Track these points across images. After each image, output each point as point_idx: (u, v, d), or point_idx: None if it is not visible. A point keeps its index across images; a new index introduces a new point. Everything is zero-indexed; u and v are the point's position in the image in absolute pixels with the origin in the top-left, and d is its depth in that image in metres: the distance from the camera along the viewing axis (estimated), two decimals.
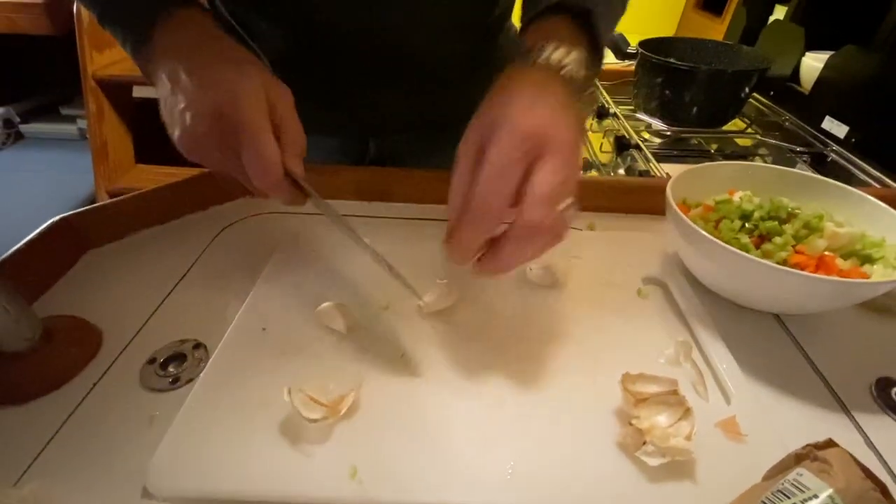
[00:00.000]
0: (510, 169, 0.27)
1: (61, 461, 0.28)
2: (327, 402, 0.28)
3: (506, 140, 0.28)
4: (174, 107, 0.32)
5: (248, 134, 0.31)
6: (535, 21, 0.37)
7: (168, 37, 0.34)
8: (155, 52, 0.34)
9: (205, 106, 0.31)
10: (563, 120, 0.30)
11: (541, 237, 0.28)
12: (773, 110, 1.03)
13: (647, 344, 0.35)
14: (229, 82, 0.32)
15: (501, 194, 0.27)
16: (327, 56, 0.49)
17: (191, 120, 0.31)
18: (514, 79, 0.32)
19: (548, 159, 0.28)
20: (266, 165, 0.31)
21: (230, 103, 0.31)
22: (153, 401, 0.31)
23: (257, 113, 0.32)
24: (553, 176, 0.28)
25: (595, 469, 0.27)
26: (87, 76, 1.33)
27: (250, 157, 0.31)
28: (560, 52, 0.33)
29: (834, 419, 0.32)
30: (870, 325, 0.39)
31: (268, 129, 0.32)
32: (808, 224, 0.38)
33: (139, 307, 0.38)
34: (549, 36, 0.34)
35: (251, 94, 0.32)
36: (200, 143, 0.32)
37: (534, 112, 0.29)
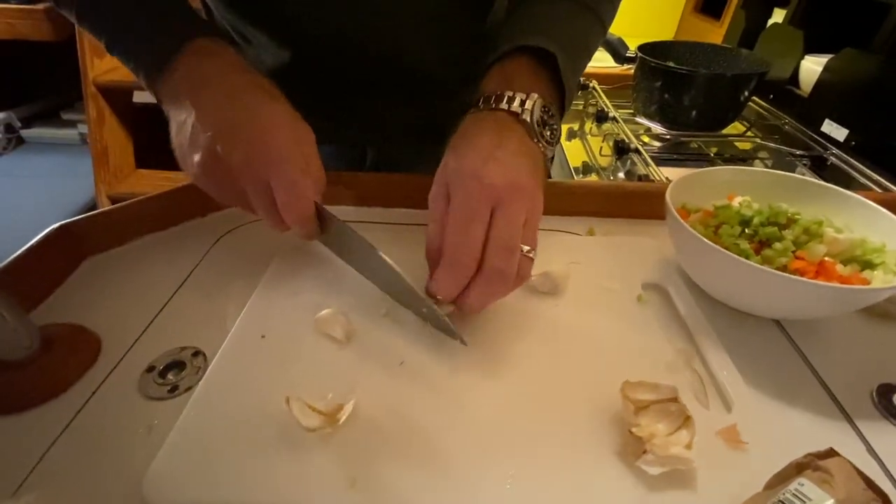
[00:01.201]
0: (474, 221, 0.30)
1: (60, 470, 0.28)
2: (326, 411, 0.28)
3: (467, 192, 0.30)
4: (195, 135, 0.32)
5: (282, 166, 0.32)
6: (500, 61, 0.38)
7: (190, 66, 0.34)
8: (175, 81, 0.34)
9: (233, 135, 0.31)
10: (523, 168, 0.32)
11: (505, 281, 0.31)
12: (772, 114, 1.03)
13: (646, 351, 0.35)
14: (261, 114, 0.32)
15: (468, 245, 0.30)
16: (324, 65, 0.49)
17: (217, 148, 0.31)
18: (474, 126, 0.34)
19: (506, 208, 0.30)
20: (299, 197, 0.32)
21: (261, 135, 0.32)
22: (152, 409, 0.31)
23: (292, 144, 0.32)
24: (512, 225, 0.30)
25: (594, 478, 0.27)
26: (87, 81, 1.33)
27: (283, 188, 0.32)
28: (519, 97, 0.34)
29: (835, 426, 0.31)
30: (871, 331, 0.39)
31: (301, 162, 0.33)
32: (807, 230, 0.37)
33: (138, 314, 0.38)
34: (510, 79, 0.36)
35: (284, 127, 0.33)
36: (221, 173, 0.32)
37: (493, 162, 0.31)
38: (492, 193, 0.30)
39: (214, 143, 0.32)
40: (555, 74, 0.38)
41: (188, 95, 0.33)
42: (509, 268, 0.31)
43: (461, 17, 0.48)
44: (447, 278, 0.31)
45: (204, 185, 0.34)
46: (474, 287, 0.31)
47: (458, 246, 0.30)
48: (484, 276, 0.30)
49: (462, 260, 0.30)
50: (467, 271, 0.30)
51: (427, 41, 0.48)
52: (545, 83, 0.37)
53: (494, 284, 0.31)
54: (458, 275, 0.30)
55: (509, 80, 0.36)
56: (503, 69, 0.37)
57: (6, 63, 1.76)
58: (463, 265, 0.30)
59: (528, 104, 0.34)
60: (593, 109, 1.06)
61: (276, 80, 0.50)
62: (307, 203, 0.33)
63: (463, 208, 0.30)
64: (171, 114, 0.35)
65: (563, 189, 0.51)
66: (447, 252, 0.30)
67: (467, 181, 0.31)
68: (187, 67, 0.34)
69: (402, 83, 0.51)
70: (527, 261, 0.32)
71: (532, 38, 0.37)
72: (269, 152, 0.32)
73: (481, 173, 0.31)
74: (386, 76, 0.50)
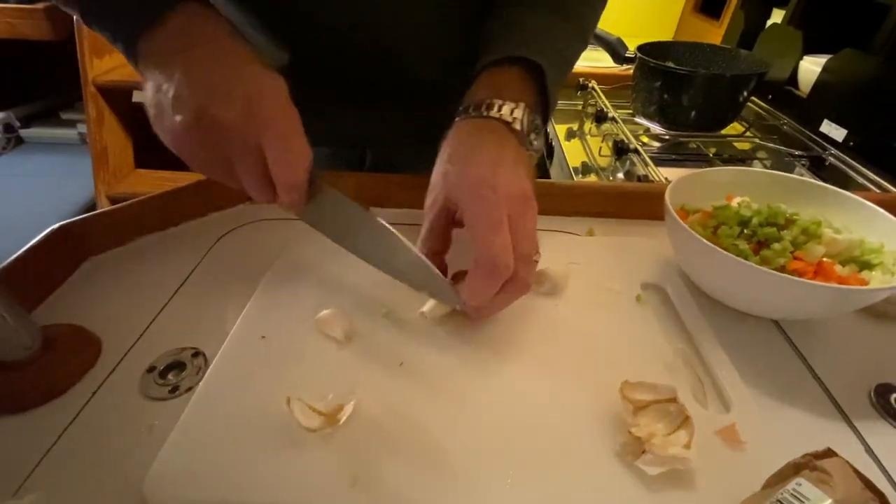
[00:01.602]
0: (501, 228, 0.31)
1: (61, 471, 0.28)
2: (326, 411, 0.28)
3: (485, 201, 0.31)
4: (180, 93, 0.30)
5: (277, 122, 0.30)
6: (488, 69, 0.39)
7: (178, 26, 0.32)
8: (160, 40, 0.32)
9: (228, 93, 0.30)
10: (525, 177, 0.34)
11: (526, 289, 0.33)
12: (771, 114, 1.03)
13: (645, 351, 0.35)
14: (254, 76, 0.31)
15: (505, 254, 0.30)
16: (324, 66, 0.49)
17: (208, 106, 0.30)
18: (472, 136, 0.35)
19: (521, 218, 0.32)
20: (292, 152, 0.31)
21: (257, 95, 0.30)
22: (153, 410, 0.31)
23: (286, 106, 0.31)
24: (529, 235, 0.32)
25: (594, 478, 0.27)
26: (87, 81, 1.33)
27: (276, 145, 0.30)
28: (509, 105, 0.36)
29: (833, 426, 0.31)
30: (869, 331, 0.39)
31: (294, 123, 0.31)
32: (806, 230, 0.38)
33: (138, 315, 0.38)
34: (501, 88, 0.37)
35: (278, 90, 0.32)
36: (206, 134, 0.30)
37: (502, 172, 0.32)
38: (508, 203, 0.31)
39: (205, 101, 0.30)
40: (540, 86, 0.39)
41: (175, 54, 0.31)
42: (529, 276, 0.32)
43: (461, 19, 0.48)
44: (486, 285, 0.31)
45: (184, 147, 0.32)
46: (500, 294, 0.32)
47: (497, 254, 0.30)
48: (512, 286, 0.32)
49: (503, 266, 0.30)
50: (507, 276, 0.31)
51: (427, 42, 0.48)
52: (532, 94, 0.38)
53: (519, 293, 0.33)
54: (497, 280, 0.31)
55: (500, 88, 0.37)
56: (493, 78, 0.38)
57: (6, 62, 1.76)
58: (503, 271, 0.31)
59: (518, 113, 0.36)
60: (592, 109, 1.06)
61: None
62: (300, 161, 0.32)
63: (487, 217, 0.31)
64: (152, 74, 0.32)
65: (562, 189, 0.51)
66: (486, 259, 0.30)
67: (483, 191, 0.31)
68: (175, 27, 0.32)
69: (402, 84, 0.51)
70: (535, 266, 0.34)
71: (522, 50, 0.38)
72: (264, 111, 0.30)
73: (494, 183, 0.31)
74: (386, 77, 0.50)
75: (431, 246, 0.35)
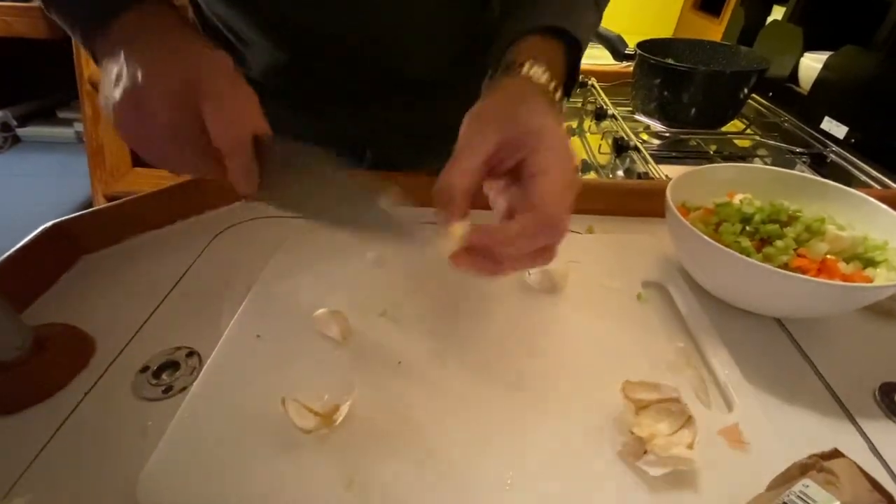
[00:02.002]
0: (573, 196, 0.30)
1: (52, 472, 0.27)
2: (322, 412, 0.28)
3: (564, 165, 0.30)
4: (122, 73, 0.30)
5: (216, 90, 0.30)
6: (527, 37, 0.37)
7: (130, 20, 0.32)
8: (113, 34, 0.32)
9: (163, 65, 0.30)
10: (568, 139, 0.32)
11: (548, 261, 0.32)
12: (772, 111, 1.03)
13: (647, 350, 0.34)
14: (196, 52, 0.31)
15: (569, 217, 0.30)
16: (322, 65, 0.49)
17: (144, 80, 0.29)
18: (524, 89, 0.34)
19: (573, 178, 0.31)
20: (233, 115, 0.30)
21: (195, 68, 0.30)
22: (146, 410, 0.31)
23: (232, 76, 0.31)
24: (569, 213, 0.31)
25: (595, 479, 0.26)
26: (83, 79, 1.33)
27: (214, 109, 0.30)
28: (547, 75, 0.35)
29: (838, 425, 0.31)
30: (873, 329, 0.38)
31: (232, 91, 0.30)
32: (809, 227, 0.37)
33: (133, 314, 0.37)
34: (538, 56, 0.36)
35: (221, 62, 0.31)
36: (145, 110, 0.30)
37: (567, 145, 0.31)
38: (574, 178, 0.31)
39: (144, 76, 0.30)
40: (570, 63, 0.38)
41: (124, 44, 0.31)
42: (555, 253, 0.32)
43: (461, 17, 0.48)
44: (536, 237, 0.30)
45: (123, 125, 0.31)
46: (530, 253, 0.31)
47: (559, 213, 0.29)
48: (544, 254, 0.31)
49: (560, 228, 0.30)
50: (557, 240, 0.30)
51: (426, 41, 0.48)
52: (563, 69, 0.38)
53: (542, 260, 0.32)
54: (546, 239, 0.30)
55: (537, 57, 0.36)
56: (533, 45, 0.37)
57: (2, 61, 1.76)
58: (557, 233, 0.30)
59: (552, 86, 0.35)
60: (592, 107, 1.05)
61: (273, 79, 0.49)
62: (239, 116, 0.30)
63: (563, 178, 0.30)
64: (105, 67, 0.32)
65: None
66: (547, 214, 0.29)
67: (567, 154, 0.31)
68: (127, 21, 0.32)
69: (401, 83, 0.51)
70: None
71: (563, 22, 0.37)
72: (204, 80, 0.30)
73: (569, 155, 0.31)
74: (385, 76, 0.50)
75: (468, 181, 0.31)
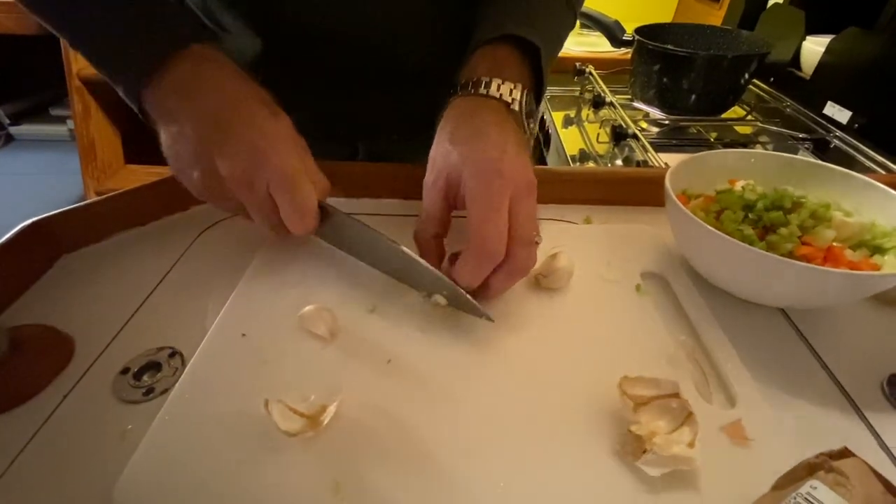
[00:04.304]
0: (500, 213, 0.31)
1: (28, 478, 0.26)
2: (308, 413, 0.27)
3: (489, 185, 0.31)
4: (191, 146, 0.32)
5: (284, 179, 0.32)
6: (486, 46, 0.38)
7: (184, 72, 0.32)
8: (164, 89, 0.33)
9: (236, 146, 0.32)
10: (527, 162, 0.34)
11: (525, 271, 0.33)
12: (773, 97, 1.01)
13: (646, 344, 0.33)
14: (262, 125, 0.32)
15: (498, 238, 0.31)
16: (309, 58, 0.47)
17: (218, 160, 0.31)
18: (476, 116, 0.35)
19: (523, 203, 0.32)
20: (303, 207, 0.33)
21: (262, 148, 0.32)
22: (127, 413, 0.30)
23: (295, 158, 0.33)
24: (531, 220, 0.32)
25: (592, 480, 0.25)
26: (71, 75, 1.31)
27: (287, 204, 0.33)
28: (508, 85, 0.36)
29: (844, 419, 0.30)
30: (881, 319, 0.37)
31: (304, 175, 0.33)
32: (814, 214, 0.36)
33: (114, 314, 0.36)
34: (501, 67, 0.37)
35: (289, 139, 0.34)
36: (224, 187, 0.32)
37: (507, 157, 0.32)
38: (512, 189, 0.31)
39: (216, 157, 0.31)
40: (535, 66, 0.39)
41: (183, 103, 0.32)
42: (530, 259, 0.33)
43: (451, 7, 0.46)
44: (476, 267, 0.32)
45: (208, 197, 0.35)
46: (497, 276, 0.32)
47: (487, 238, 0.31)
48: (508, 268, 0.32)
49: (492, 251, 0.31)
50: (496, 261, 0.31)
51: (418, 31, 0.47)
52: (528, 74, 0.38)
53: (516, 275, 0.33)
54: (487, 265, 0.31)
55: (500, 67, 0.37)
56: (492, 54, 0.38)
57: None
58: (493, 256, 0.31)
59: (516, 94, 0.36)
60: (590, 95, 1.03)
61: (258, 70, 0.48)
62: (308, 206, 0.33)
63: (488, 201, 0.31)
64: (163, 124, 0.33)
65: (557, 176, 0.49)
66: (476, 243, 0.31)
67: (489, 175, 0.31)
68: (181, 75, 0.32)
69: (392, 73, 0.50)
70: (534, 248, 0.34)
71: (522, 29, 0.38)
72: (269, 162, 0.32)
73: (501, 168, 0.32)
74: (376, 67, 0.49)
75: (432, 229, 0.35)
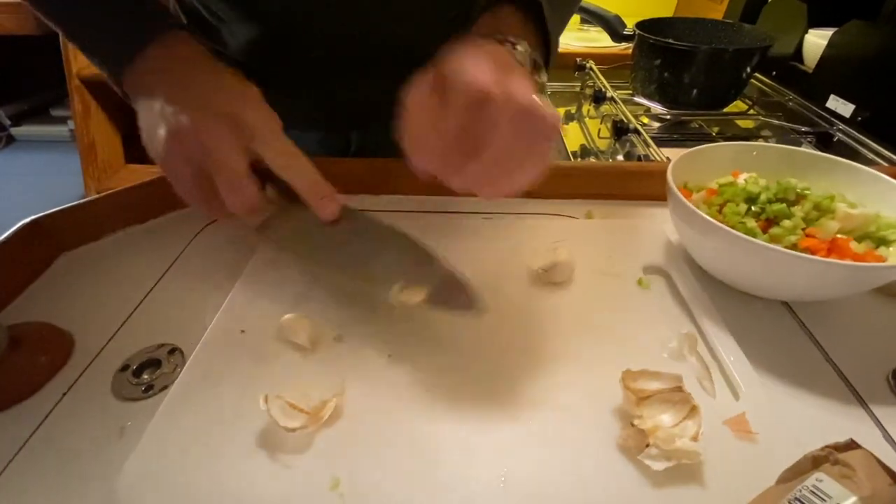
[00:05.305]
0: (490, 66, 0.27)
1: (28, 476, 0.26)
2: (308, 409, 0.27)
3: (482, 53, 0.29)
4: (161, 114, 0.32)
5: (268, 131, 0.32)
6: (488, 10, 0.37)
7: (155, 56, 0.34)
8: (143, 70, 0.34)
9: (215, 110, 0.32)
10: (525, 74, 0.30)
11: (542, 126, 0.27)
12: (775, 90, 1.00)
13: (648, 338, 0.33)
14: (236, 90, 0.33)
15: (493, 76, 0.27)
16: (301, 47, 0.47)
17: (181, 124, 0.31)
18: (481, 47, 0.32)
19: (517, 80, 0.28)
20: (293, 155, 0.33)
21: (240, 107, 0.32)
22: (126, 410, 0.29)
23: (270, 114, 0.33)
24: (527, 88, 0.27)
25: (594, 474, 0.25)
26: (71, 75, 1.30)
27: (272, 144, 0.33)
28: (512, 40, 0.33)
29: (850, 412, 0.30)
30: (886, 312, 0.37)
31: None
32: (818, 205, 0.35)
33: (114, 311, 0.36)
34: (502, 26, 0.35)
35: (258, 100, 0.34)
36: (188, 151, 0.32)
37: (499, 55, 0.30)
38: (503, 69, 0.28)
39: (191, 114, 0.31)
40: (540, 26, 0.37)
41: (158, 76, 0.33)
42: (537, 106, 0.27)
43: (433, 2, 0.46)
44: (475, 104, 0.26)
45: (170, 162, 0.33)
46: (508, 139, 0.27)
47: (480, 75, 0.27)
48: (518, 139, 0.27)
49: (487, 81, 0.26)
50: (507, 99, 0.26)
51: (409, 19, 0.46)
52: (532, 34, 0.36)
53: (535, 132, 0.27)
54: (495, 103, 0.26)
55: (501, 26, 0.35)
56: (494, 17, 0.36)
57: None
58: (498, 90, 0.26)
59: (520, 47, 0.33)
60: (590, 91, 1.03)
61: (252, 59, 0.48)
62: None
63: (472, 60, 0.28)
64: (139, 99, 0.34)
65: (559, 171, 0.49)
66: (467, 78, 0.27)
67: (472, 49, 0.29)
68: (156, 54, 0.34)
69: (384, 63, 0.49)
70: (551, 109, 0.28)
71: None
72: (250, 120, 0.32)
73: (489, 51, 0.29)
74: (368, 56, 0.48)
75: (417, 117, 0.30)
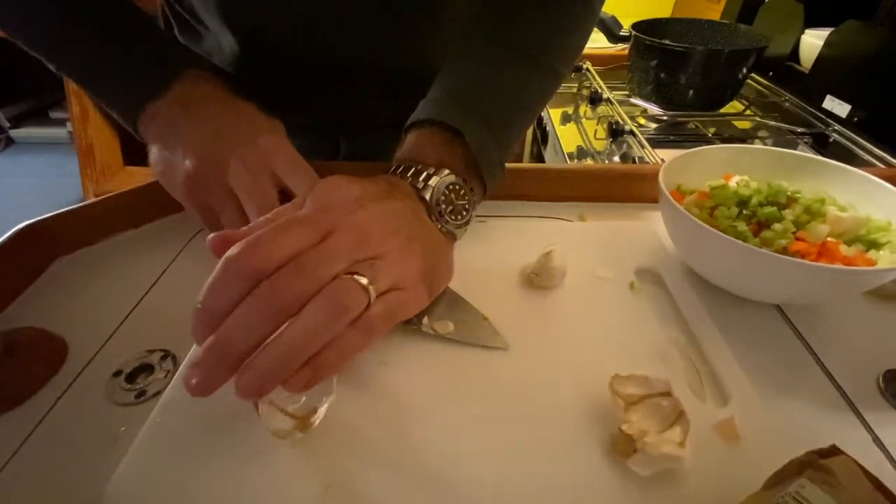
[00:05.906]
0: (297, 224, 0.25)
1: (20, 483, 0.26)
2: (298, 414, 0.27)
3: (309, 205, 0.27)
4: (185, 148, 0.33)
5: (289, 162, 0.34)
6: (415, 129, 0.36)
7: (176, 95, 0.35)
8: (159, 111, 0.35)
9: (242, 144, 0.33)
10: (390, 221, 0.28)
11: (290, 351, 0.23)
12: (772, 91, 1.00)
13: (639, 341, 0.33)
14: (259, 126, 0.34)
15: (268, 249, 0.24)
16: (288, 56, 0.47)
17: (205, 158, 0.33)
18: (384, 183, 0.31)
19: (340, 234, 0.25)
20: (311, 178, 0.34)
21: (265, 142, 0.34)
22: (119, 416, 0.30)
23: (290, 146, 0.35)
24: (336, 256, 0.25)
25: (582, 480, 0.25)
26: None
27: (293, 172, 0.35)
28: (423, 175, 0.32)
29: (840, 416, 0.30)
30: (876, 314, 0.37)
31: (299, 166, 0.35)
32: (809, 209, 0.35)
33: (108, 316, 0.36)
34: (421, 152, 0.34)
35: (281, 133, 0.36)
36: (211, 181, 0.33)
37: (362, 207, 0.27)
38: (331, 217, 0.25)
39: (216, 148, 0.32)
40: (466, 150, 0.35)
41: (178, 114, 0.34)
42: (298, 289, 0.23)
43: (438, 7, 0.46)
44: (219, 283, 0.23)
45: (193, 194, 0.34)
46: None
47: (328, 197, 0.27)
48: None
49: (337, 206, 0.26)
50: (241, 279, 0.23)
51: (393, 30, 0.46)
52: (460, 156, 0.34)
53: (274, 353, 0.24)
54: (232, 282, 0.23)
55: (423, 151, 0.34)
56: (417, 139, 0.36)
57: None
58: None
59: (433, 181, 0.32)
60: (587, 92, 1.03)
61: (240, 67, 0.48)
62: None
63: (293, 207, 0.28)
64: (156, 135, 0.35)
65: (551, 173, 0.49)
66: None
67: (322, 189, 0.28)
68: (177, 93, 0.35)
69: (373, 72, 0.49)
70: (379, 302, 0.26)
71: (444, 113, 0.35)
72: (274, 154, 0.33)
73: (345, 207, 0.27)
74: (357, 66, 0.48)
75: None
